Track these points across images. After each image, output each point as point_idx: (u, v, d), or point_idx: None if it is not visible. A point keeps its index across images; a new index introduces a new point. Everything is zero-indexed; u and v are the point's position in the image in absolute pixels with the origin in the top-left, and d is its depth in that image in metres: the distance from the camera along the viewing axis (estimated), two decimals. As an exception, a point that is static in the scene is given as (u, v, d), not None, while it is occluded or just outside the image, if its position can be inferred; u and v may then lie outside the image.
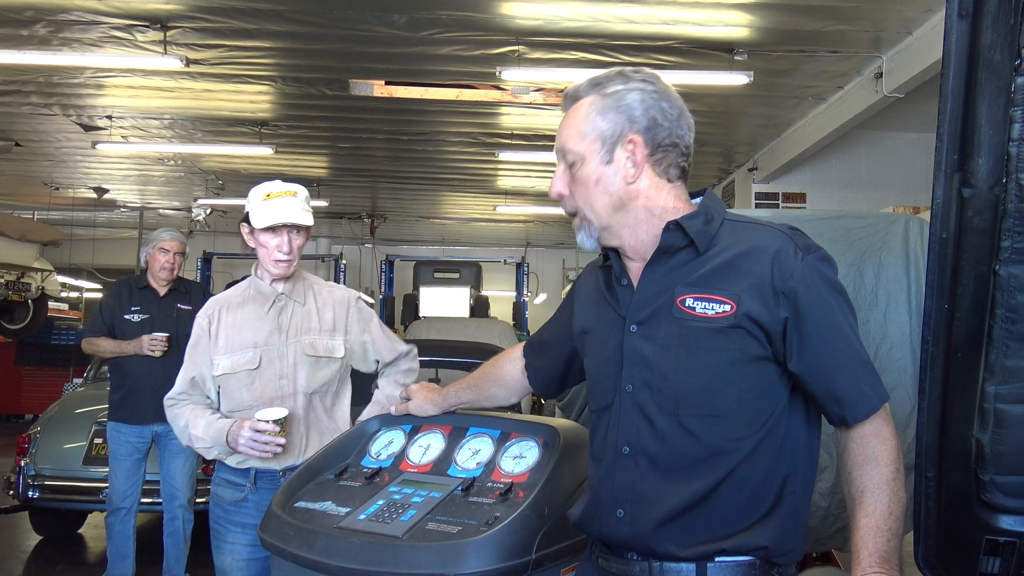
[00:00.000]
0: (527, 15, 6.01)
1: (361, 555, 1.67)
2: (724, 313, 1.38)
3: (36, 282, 10.58)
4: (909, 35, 6.21)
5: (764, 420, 1.40)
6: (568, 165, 1.49)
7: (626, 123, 1.44)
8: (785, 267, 1.37)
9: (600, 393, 1.52)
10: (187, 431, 2.47)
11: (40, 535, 5.72)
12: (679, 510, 1.39)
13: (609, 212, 1.46)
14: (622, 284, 1.50)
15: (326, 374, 2.52)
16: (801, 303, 1.37)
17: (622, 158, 1.44)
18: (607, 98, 1.46)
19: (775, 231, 1.43)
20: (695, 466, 1.40)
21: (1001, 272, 1.55)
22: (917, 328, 2.85)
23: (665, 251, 1.45)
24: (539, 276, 16.57)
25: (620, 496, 1.44)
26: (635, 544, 1.43)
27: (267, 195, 2.46)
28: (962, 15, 1.48)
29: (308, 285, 2.59)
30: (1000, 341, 1.58)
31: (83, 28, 6.31)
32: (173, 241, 4.37)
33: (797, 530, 1.44)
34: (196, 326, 2.58)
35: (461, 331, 7.27)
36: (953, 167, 1.55)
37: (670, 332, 1.41)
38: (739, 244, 1.42)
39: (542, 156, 9.70)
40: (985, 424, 1.63)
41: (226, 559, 2.48)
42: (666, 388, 1.41)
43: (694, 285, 1.41)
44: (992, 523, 1.70)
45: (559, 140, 1.50)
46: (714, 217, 1.46)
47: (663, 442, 1.41)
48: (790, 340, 1.38)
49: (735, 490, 1.39)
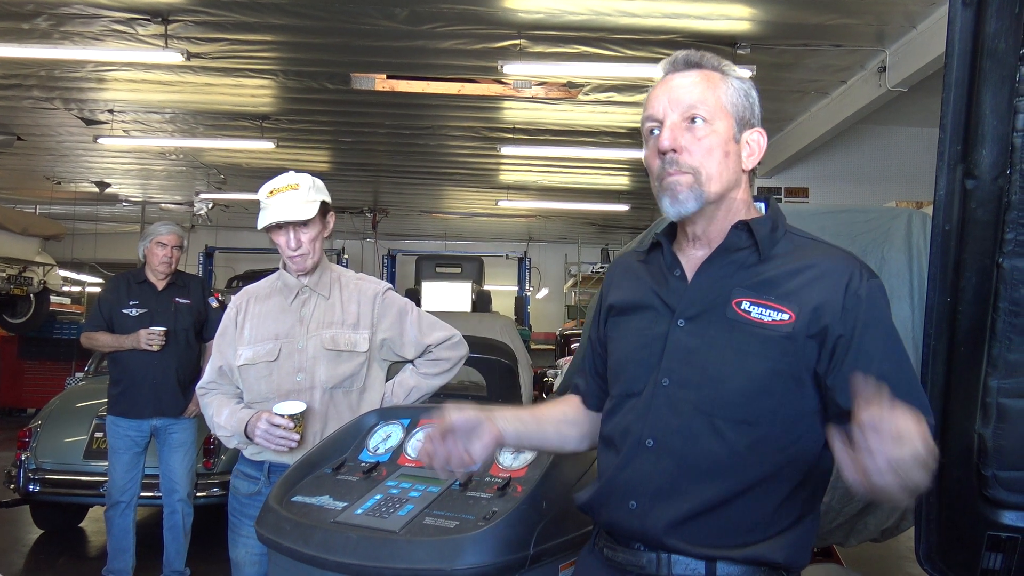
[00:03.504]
0: (529, 9, 5.99)
1: (358, 550, 1.66)
2: (782, 322, 1.37)
3: (38, 276, 10.58)
4: (913, 29, 6.18)
5: (795, 438, 1.38)
6: (687, 122, 1.42)
7: (751, 113, 1.47)
8: (852, 288, 1.37)
9: (629, 379, 1.49)
10: (213, 420, 2.51)
11: (41, 529, 5.71)
12: (694, 512, 1.38)
13: (726, 187, 1.44)
14: (674, 275, 1.48)
15: (347, 369, 2.47)
16: (861, 324, 1.36)
17: (745, 143, 1.46)
18: (739, 82, 1.46)
19: (843, 252, 1.43)
20: (718, 470, 1.37)
21: (1005, 265, 1.54)
22: (920, 323, 2.82)
23: (727, 249, 1.44)
24: (541, 271, 16.56)
25: (635, 487, 1.42)
26: (643, 536, 1.42)
27: (269, 192, 2.44)
28: (966, 4, 1.46)
29: (335, 278, 2.56)
30: (1003, 335, 1.57)
31: (84, 22, 6.30)
32: (170, 235, 4.36)
33: (809, 544, 1.43)
34: (225, 316, 2.60)
35: (463, 326, 7.22)
36: (956, 158, 1.53)
37: (720, 333, 1.40)
38: (803, 257, 1.42)
39: (544, 150, 9.69)
40: (987, 419, 1.62)
41: (240, 552, 2.47)
42: (705, 387, 1.39)
43: (753, 289, 1.40)
44: (994, 519, 1.69)
45: (686, 97, 1.43)
46: (779, 226, 1.46)
47: (691, 441, 1.39)
48: (838, 357, 1.36)
49: (756, 501, 1.37)
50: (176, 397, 4.28)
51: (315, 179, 2.51)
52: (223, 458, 4.99)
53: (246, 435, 2.39)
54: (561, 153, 9.78)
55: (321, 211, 2.48)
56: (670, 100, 1.45)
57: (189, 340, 4.39)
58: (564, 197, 12.41)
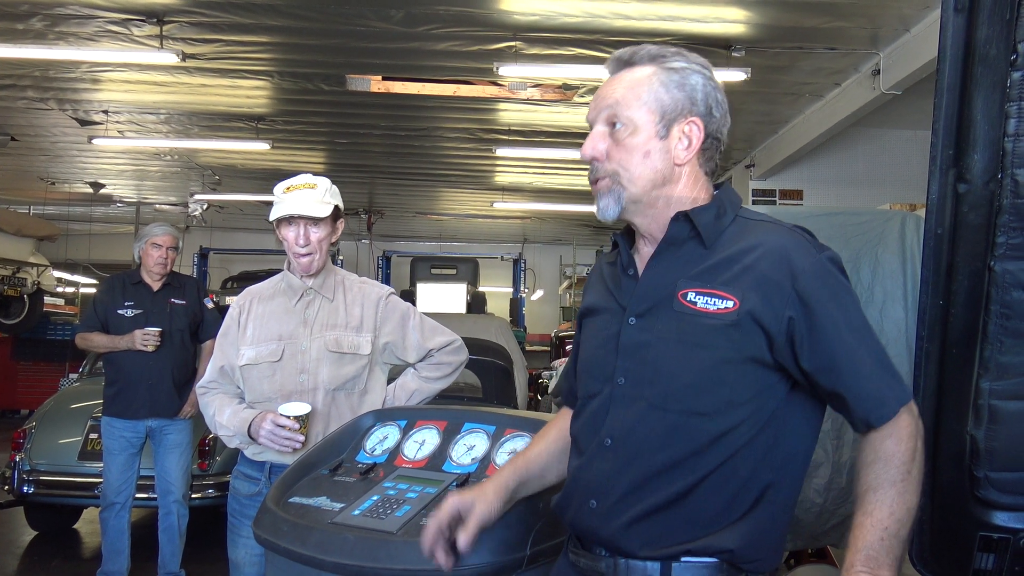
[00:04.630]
0: (524, 11, 5.99)
1: (355, 551, 1.67)
2: (726, 309, 1.34)
3: (32, 277, 10.56)
4: (907, 32, 6.20)
5: (751, 425, 1.36)
6: (609, 127, 1.43)
7: (687, 103, 1.41)
8: (796, 265, 1.34)
9: (590, 381, 1.49)
10: (214, 419, 2.51)
11: (35, 530, 5.70)
12: (653, 508, 1.36)
13: (648, 187, 1.41)
14: (628, 274, 1.46)
15: (350, 371, 2.49)
16: (812, 301, 1.33)
17: (676, 137, 1.41)
18: (672, 72, 1.42)
19: (786, 229, 1.40)
20: (676, 465, 1.36)
21: (996, 268, 1.55)
22: (913, 324, 2.85)
23: (671, 242, 1.42)
24: (536, 272, 16.57)
25: (595, 487, 1.42)
26: (602, 537, 1.41)
27: (286, 189, 2.48)
28: (958, 9, 1.48)
29: (339, 281, 2.58)
30: (995, 337, 1.58)
31: (79, 22, 6.29)
32: (165, 236, 4.36)
33: (770, 540, 1.39)
34: (228, 315, 2.61)
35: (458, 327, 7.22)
36: (948, 162, 1.55)
37: (668, 326, 1.38)
38: (747, 240, 1.39)
39: (539, 152, 9.69)
40: (979, 420, 1.64)
41: (240, 553, 2.48)
42: (658, 383, 1.38)
43: (697, 279, 1.37)
44: (986, 519, 1.70)
45: (606, 100, 1.44)
46: (727, 211, 1.43)
47: (648, 438, 1.38)
48: (799, 339, 1.33)
49: (712, 493, 1.35)
50: (171, 398, 4.28)
51: (332, 184, 2.55)
52: (218, 459, 4.99)
53: (249, 435, 2.40)
54: (556, 155, 9.78)
55: (333, 214, 2.52)
56: (595, 105, 1.46)
57: (184, 341, 4.39)
58: (559, 199, 12.41)
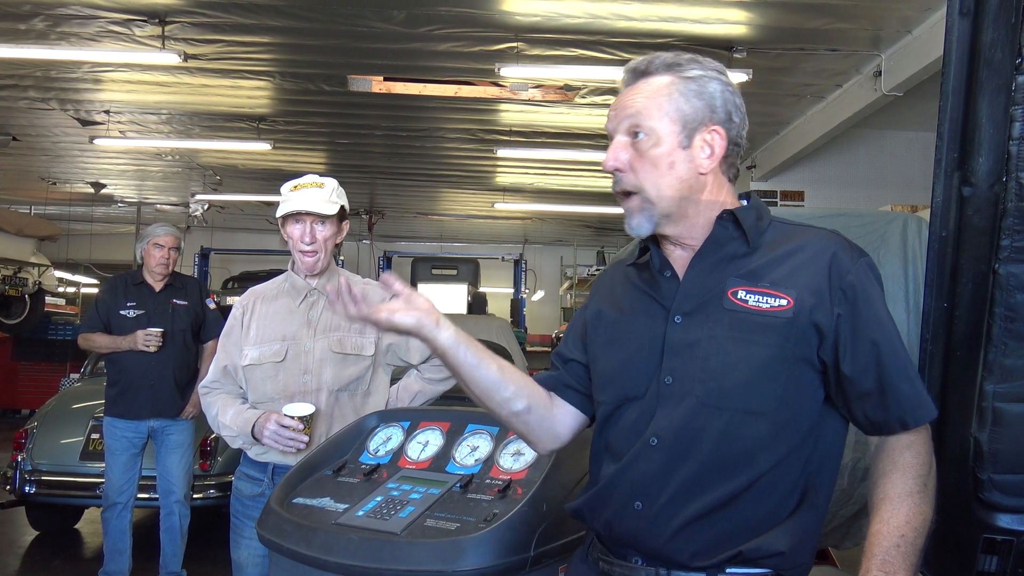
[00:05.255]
0: (526, 11, 6.00)
1: (359, 552, 1.67)
2: (781, 307, 1.35)
3: (33, 277, 10.57)
4: (908, 33, 6.20)
5: (800, 424, 1.37)
6: (631, 137, 1.42)
7: (707, 112, 1.41)
8: (842, 266, 1.36)
9: (628, 384, 1.45)
10: (217, 419, 2.51)
11: (37, 531, 5.70)
12: (705, 510, 1.35)
13: (676, 198, 1.41)
14: (665, 276, 1.46)
15: (354, 371, 2.49)
16: (859, 301, 1.35)
17: (699, 146, 1.41)
18: (689, 81, 1.41)
19: (827, 232, 1.42)
20: (727, 465, 1.35)
21: (1000, 271, 1.55)
22: (915, 327, 2.85)
23: (716, 241, 1.42)
24: (537, 273, 16.56)
25: (640, 488, 1.39)
26: (647, 545, 1.38)
27: (294, 187, 2.49)
28: (963, 13, 1.48)
29: (343, 283, 2.56)
30: (999, 340, 1.58)
31: (81, 22, 6.29)
32: (167, 236, 4.37)
33: (811, 544, 1.40)
34: (231, 315, 2.61)
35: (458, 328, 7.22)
36: (953, 165, 1.55)
37: (719, 324, 1.38)
38: (792, 242, 1.41)
39: (540, 153, 9.69)
40: (983, 423, 1.64)
41: (242, 554, 2.48)
42: (710, 381, 1.37)
43: (747, 278, 1.39)
44: (990, 521, 1.70)
45: (627, 110, 1.43)
46: (763, 215, 1.46)
47: (698, 436, 1.36)
48: (844, 338, 1.35)
49: (763, 494, 1.35)
50: (173, 398, 4.29)
51: (339, 185, 2.56)
52: (220, 460, 4.99)
53: (253, 435, 2.40)
54: (557, 156, 9.78)
55: (339, 214, 2.53)
56: (615, 115, 1.45)
57: (186, 341, 4.39)
58: (560, 200, 12.41)
